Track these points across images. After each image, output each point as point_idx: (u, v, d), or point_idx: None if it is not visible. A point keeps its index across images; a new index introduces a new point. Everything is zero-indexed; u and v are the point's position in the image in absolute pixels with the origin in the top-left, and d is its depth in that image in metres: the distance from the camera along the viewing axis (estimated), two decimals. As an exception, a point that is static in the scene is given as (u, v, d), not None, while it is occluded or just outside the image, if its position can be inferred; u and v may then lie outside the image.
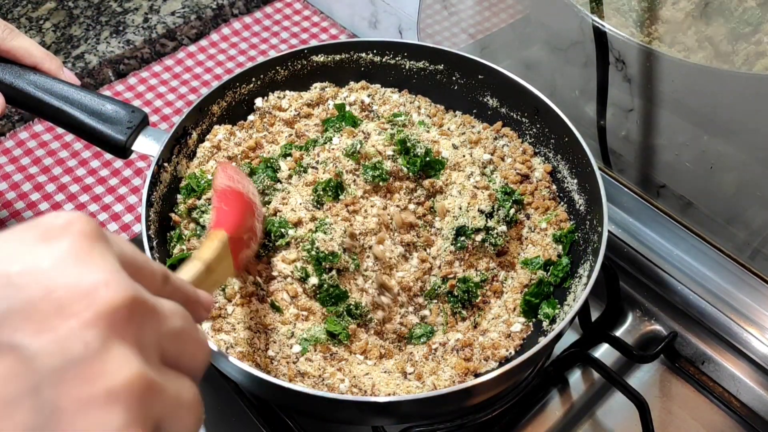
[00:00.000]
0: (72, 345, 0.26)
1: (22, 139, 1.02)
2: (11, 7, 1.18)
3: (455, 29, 1.04)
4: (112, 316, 0.27)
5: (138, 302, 0.28)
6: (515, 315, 0.72)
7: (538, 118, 0.81)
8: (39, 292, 0.26)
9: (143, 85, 1.10)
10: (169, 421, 0.29)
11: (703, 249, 0.81)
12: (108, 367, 0.26)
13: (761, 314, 0.78)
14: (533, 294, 0.72)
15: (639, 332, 0.82)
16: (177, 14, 1.18)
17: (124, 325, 0.27)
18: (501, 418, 0.73)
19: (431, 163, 0.77)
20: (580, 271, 0.72)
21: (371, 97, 0.84)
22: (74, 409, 0.25)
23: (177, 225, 0.75)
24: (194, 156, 0.79)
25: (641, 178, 0.90)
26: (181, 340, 0.31)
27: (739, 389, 0.78)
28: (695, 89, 0.84)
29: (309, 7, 1.24)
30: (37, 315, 0.26)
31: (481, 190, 0.76)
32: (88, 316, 0.26)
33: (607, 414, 0.77)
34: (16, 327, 0.25)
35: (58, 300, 0.26)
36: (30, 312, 0.26)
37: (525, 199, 0.78)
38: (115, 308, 0.27)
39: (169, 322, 0.31)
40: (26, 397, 0.25)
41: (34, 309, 0.26)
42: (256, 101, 0.83)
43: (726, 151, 0.83)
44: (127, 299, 0.28)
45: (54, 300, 0.26)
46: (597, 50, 0.87)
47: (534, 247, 0.76)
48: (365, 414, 0.64)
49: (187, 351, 0.32)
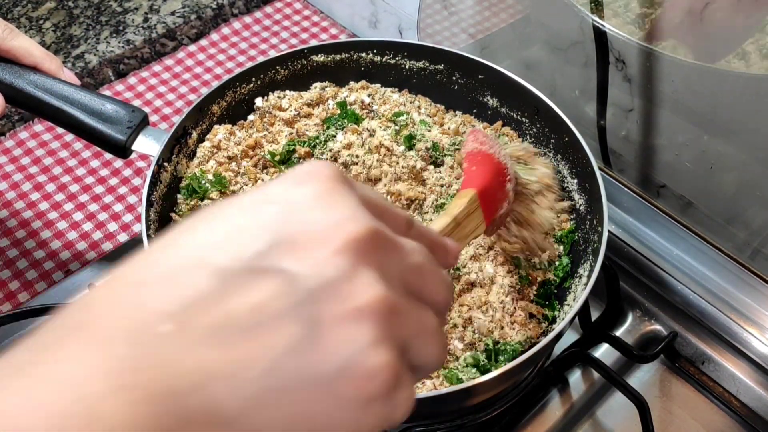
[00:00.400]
0: (326, 269, 0.30)
1: (22, 139, 1.02)
2: (11, 7, 1.18)
3: (455, 29, 1.04)
4: (357, 244, 0.30)
5: (380, 235, 0.32)
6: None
7: (538, 118, 0.81)
8: (296, 227, 0.31)
9: (143, 84, 1.10)
10: (415, 345, 0.32)
11: (703, 249, 0.81)
12: (356, 289, 0.30)
13: (761, 314, 0.78)
14: (539, 295, 0.72)
15: (639, 332, 0.82)
16: (177, 14, 1.18)
17: (369, 253, 0.31)
18: (501, 418, 0.73)
19: (439, 158, 0.78)
20: (580, 271, 0.72)
21: (371, 96, 0.84)
22: (331, 323, 0.29)
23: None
24: (194, 156, 0.79)
25: (641, 178, 0.90)
26: (423, 274, 0.34)
27: (739, 389, 0.78)
28: (695, 89, 0.84)
29: (309, 7, 1.24)
30: (297, 245, 0.30)
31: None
32: (338, 244, 0.30)
33: (607, 414, 0.77)
34: (282, 255, 0.30)
35: (312, 233, 0.30)
36: (291, 243, 0.30)
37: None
38: (360, 238, 0.31)
39: (411, 257, 0.34)
40: (293, 311, 0.29)
41: (294, 240, 0.30)
42: (256, 101, 0.83)
43: (726, 151, 0.83)
44: (370, 231, 0.31)
45: (309, 233, 0.30)
46: (597, 50, 0.87)
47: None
48: (365, 414, 0.64)
49: (429, 285, 0.35)
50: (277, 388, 0.28)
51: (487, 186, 0.59)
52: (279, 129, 0.82)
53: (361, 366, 0.29)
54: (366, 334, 0.30)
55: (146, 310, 0.28)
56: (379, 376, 0.30)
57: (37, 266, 0.89)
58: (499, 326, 0.69)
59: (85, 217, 0.94)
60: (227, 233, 0.31)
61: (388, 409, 0.31)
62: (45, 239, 0.91)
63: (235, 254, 0.30)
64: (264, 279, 0.29)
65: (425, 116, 0.84)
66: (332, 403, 0.29)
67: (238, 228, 0.31)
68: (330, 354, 0.29)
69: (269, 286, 0.29)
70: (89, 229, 0.93)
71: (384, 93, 0.86)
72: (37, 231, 0.92)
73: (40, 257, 0.89)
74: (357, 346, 0.29)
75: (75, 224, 0.93)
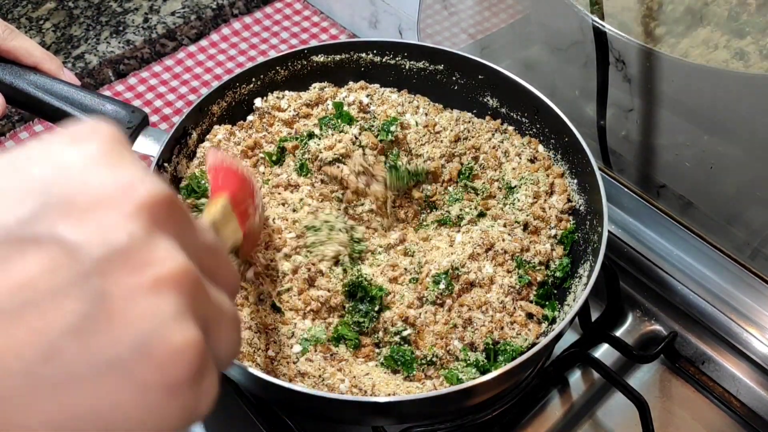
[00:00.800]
0: (116, 235, 0.25)
1: (22, 139, 1.02)
2: (11, 7, 1.18)
3: (455, 29, 1.05)
4: (152, 208, 0.27)
5: (176, 202, 0.28)
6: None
7: (538, 118, 0.81)
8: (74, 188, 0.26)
9: (143, 85, 1.10)
10: (215, 327, 0.29)
11: (703, 249, 0.81)
12: (154, 257, 0.26)
13: (761, 314, 0.78)
14: (539, 295, 0.72)
15: (639, 332, 0.82)
16: (177, 14, 1.18)
17: (165, 219, 0.27)
18: (501, 418, 0.73)
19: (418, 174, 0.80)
20: (580, 271, 0.72)
21: (370, 97, 0.84)
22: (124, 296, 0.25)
23: (177, 225, 0.75)
24: (194, 156, 0.79)
25: (641, 178, 0.90)
26: (215, 255, 0.31)
27: (739, 389, 0.78)
28: (695, 89, 0.84)
29: (309, 7, 1.24)
30: (76, 208, 0.25)
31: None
32: (129, 208, 0.26)
33: (607, 414, 0.77)
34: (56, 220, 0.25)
35: (95, 195, 0.26)
36: (68, 206, 0.25)
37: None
38: (155, 202, 0.27)
39: (203, 235, 0.31)
40: (74, 286, 0.24)
41: (72, 203, 0.26)
42: (255, 101, 0.83)
43: (726, 151, 0.83)
44: (167, 195, 0.27)
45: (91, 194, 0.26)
46: (597, 50, 0.87)
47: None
48: (365, 414, 0.64)
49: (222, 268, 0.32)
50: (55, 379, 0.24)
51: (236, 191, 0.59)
52: (278, 129, 0.82)
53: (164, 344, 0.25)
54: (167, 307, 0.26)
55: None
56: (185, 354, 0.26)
57: (37, 266, 0.89)
58: (499, 326, 0.69)
59: (85, 218, 0.94)
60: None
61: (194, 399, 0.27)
62: (45, 239, 0.91)
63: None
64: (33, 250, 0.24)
65: (422, 115, 0.84)
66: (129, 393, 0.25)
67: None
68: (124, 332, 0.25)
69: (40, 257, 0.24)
70: (89, 229, 0.93)
71: (383, 93, 0.86)
72: (37, 231, 0.92)
73: (40, 257, 0.89)
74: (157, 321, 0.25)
75: (75, 224, 0.93)
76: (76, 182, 0.26)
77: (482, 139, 0.82)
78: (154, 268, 0.26)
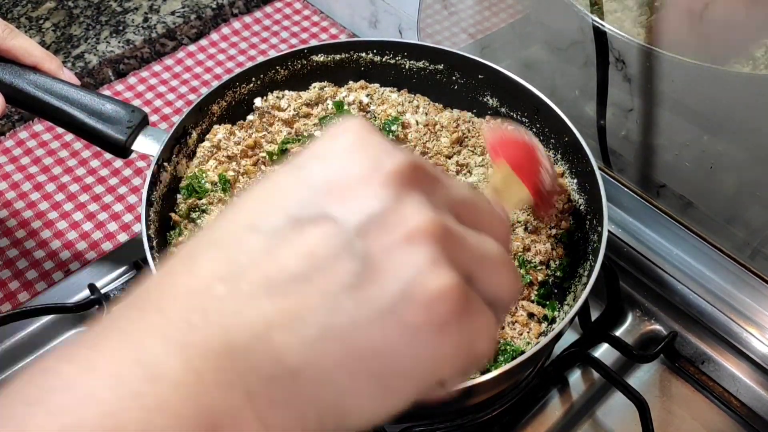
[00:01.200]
0: (370, 204, 0.30)
1: (22, 138, 1.02)
2: (11, 7, 1.18)
3: (455, 29, 1.05)
4: (398, 176, 0.31)
5: (421, 167, 0.32)
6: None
7: (538, 118, 0.81)
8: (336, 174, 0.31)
9: (143, 84, 1.10)
10: (480, 273, 0.31)
11: (703, 249, 0.81)
12: (404, 216, 0.30)
13: (761, 314, 0.78)
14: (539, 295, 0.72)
15: (639, 332, 0.82)
16: (177, 14, 1.18)
17: (412, 182, 0.31)
18: (501, 418, 0.73)
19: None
20: (580, 271, 0.72)
21: (370, 96, 0.84)
22: (383, 253, 0.29)
23: (177, 225, 0.75)
24: (194, 156, 0.79)
25: (641, 178, 0.90)
26: (473, 208, 0.34)
27: (739, 389, 0.78)
28: (695, 89, 0.84)
29: (309, 7, 1.24)
30: (338, 190, 0.31)
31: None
32: (379, 179, 0.30)
33: (607, 414, 0.77)
34: (325, 202, 0.30)
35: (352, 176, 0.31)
36: (333, 189, 0.31)
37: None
38: (399, 170, 0.31)
39: (456, 190, 0.33)
40: (344, 250, 0.29)
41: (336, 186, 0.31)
42: (255, 101, 0.83)
43: (726, 151, 0.83)
44: (411, 163, 0.31)
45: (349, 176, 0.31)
46: (597, 50, 0.87)
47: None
48: (365, 414, 0.64)
49: (484, 218, 0.34)
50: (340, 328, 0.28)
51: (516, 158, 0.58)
52: (278, 129, 0.82)
53: (424, 288, 0.29)
54: (421, 257, 0.29)
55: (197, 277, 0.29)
56: (445, 295, 0.29)
57: (37, 266, 0.89)
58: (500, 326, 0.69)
59: (85, 217, 0.94)
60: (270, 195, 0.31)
61: (466, 337, 0.30)
62: (45, 239, 0.91)
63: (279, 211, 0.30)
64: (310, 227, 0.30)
65: (422, 114, 0.84)
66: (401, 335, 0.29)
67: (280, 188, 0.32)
68: (388, 283, 0.29)
69: (316, 232, 0.29)
70: (89, 228, 0.93)
71: (383, 93, 0.85)
72: (37, 231, 0.92)
73: (40, 257, 0.89)
74: (413, 270, 0.29)
75: (75, 224, 0.93)
76: (337, 168, 0.31)
77: (482, 139, 0.82)
78: (405, 225, 0.30)
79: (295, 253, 0.29)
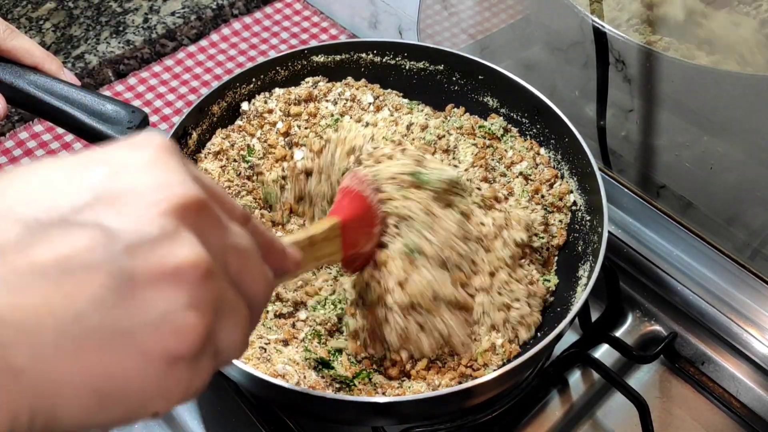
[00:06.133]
0: (148, 227, 0.30)
1: (22, 139, 1.02)
2: (11, 7, 1.18)
3: (455, 29, 1.05)
4: (182, 208, 0.31)
5: (207, 205, 0.32)
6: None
7: (538, 118, 0.81)
8: (124, 186, 0.31)
9: (143, 85, 1.10)
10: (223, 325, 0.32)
11: (703, 249, 0.81)
12: (177, 249, 0.30)
13: (761, 314, 0.78)
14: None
15: (639, 333, 0.82)
16: (177, 14, 1.18)
17: (194, 218, 0.31)
18: (501, 419, 0.73)
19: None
20: (580, 272, 0.72)
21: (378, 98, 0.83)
22: (146, 280, 0.29)
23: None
24: (194, 156, 0.79)
25: (641, 178, 0.90)
26: (244, 259, 0.34)
27: (739, 389, 0.78)
28: (695, 89, 0.84)
29: (309, 7, 1.24)
30: (120, 202, 0.30)
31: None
32: (164, 206, 0.30)
33: (607, 414, 0.77)
34: (102, 211, 0.30)
35: (139, 193, 0.30)
36: (115, 199, 0.30)
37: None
38: (186, 203, 0.31)
39: (234, 237, 0.34)
40: (106, 264, 0.28)
41: (119, 197, 0.30)
42: (242, 105, 0.82)
43: (726, 151, 0.83)
44: (198, 198, 0.32)
45: (136, 192, 0.30)
46: (597, 50, 0.87)
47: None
48: (365, 414, 0.64)
49: (249, 274, 0.35)
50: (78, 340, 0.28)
51: (352, 219, 0.60)
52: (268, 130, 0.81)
53: (171, 323, 0.29)
54: (181, 293, 0.29)
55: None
56: (190, 335, 0.29)
57: (37, 266, 0.89)
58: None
59: (85, 218, 0.94)
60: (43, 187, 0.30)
61: (190, 376, 0.30)
62: (45, 239, 0.91)
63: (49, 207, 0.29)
64: (77, 231, 0.29)
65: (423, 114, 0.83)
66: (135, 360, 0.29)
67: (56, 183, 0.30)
68: (139, 310, 0.29)
69: (82, 238, 0.29)
70: (89, 229, 0.93)
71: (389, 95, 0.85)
72: (37, 231, 0.92)
73: (40, 257, 0.89)
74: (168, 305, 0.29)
75: (75, 224, 0.93)
76: (125, 182, 0.31)
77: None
78: (174, 259, 0.30)
79: (51, 251, 0.28)
